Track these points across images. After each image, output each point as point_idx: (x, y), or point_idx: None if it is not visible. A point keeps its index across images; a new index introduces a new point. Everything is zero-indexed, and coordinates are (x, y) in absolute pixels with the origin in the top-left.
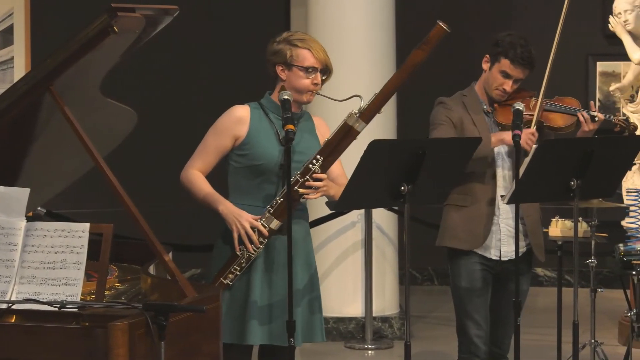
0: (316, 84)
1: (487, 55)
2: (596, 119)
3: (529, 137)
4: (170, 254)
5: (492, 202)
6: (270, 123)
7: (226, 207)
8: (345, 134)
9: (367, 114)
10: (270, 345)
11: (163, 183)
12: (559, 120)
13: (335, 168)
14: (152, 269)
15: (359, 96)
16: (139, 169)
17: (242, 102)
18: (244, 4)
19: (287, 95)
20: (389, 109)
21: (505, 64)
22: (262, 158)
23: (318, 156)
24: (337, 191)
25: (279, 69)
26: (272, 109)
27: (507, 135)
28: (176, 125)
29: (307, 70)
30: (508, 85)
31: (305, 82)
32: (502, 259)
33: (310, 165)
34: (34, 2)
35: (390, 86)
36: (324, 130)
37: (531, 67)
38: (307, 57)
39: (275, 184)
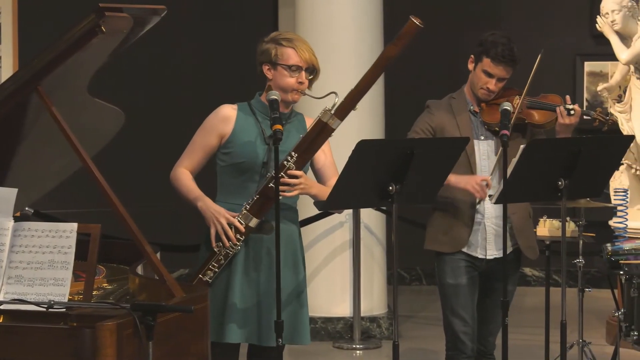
0: (301, 83)
1: (472, 56)
2: (572, 112)
3: (479, 185)
4: (158, 254)
5: (473, 204)
6: (257, 122)
7: (205, 203)
8: (320, 131)
9: (342, 110)
10: (260, 346)
11: (151, 183)
12: (539, 117)
13: (322, 157)
14: (140, 269)
15: (335, 93)
16: (127, 169)
17: (231, 103)
18: (232, 4)
19: (275, 95)
20: (377, 109)
21: (486, 62)
22: (244, 156)
23: (292, 152)
24: (319, 190)
25: (265, 68)
26: (259, 109)
27: (462, 182)
28: (164, 126)
29: (291, 68)
30: (492, 84)
31: (290, 80)
32: (488, 257)
33: (285, 162)
34: (22, 1)
35: (364, 82)
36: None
37: (513, 65)
38: (291, 56)
39: (257, 182)
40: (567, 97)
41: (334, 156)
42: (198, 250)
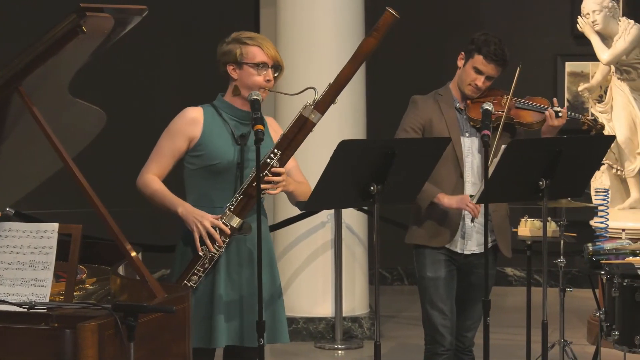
0: (268, 81)
1: (462, 53)
2: (560, 114)
3: (472, 204)
4: (140, 255)
5: None
6: (224, 123)
7: (185, 208)
8: (301, 126)
9: (322, 104)
10: (235, 346)
11: (132, 183)
12: (528, 117)
13: (290, 162)
14: (121, 270)
15: (313, 88)
16: (108, 169)
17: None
18: (213, 4)
19: (256, 95)
20: (359, 109)
21: (478, 60)
22: (217, 158)
23: (275, 150)
24: (296, 187)
25: (230, 68)
26: (225, 109)
27: (455, 203)
28: (145, 126)
29: (258, 66)
30: (480, 81)
31: (257, 78)
32: (465, 252)
33: (269, 160)
34: (2, 1)
35: (343, 75)
36: (277, 128)
37: (503, 65)
38: (257, 54)
39: (233, 183)
40: (555, 99)
41: (315, 156)
42: None
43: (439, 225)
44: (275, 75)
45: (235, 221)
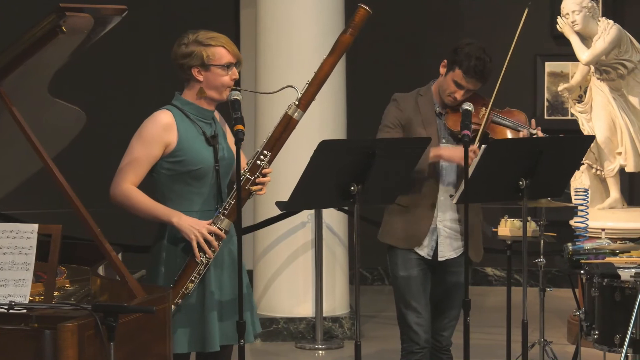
0: (234, 79)
1: (445, 61)
2: (535, 136)
3: (472, 152)
4: (120, 255)
5: (433, 205)
6: (194, 124)
7: (179, 218)
8: (286, 126)
9: (304, 102)
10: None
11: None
12: (503, 134)
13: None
14: (101, 270)
15: (292, 87)
16: (88, 170)
17: None
18: (193, 5)
19: (236, 95)
20: (339, 109)
21: (458, 74)
22: (199, 162)
23: (265, 151)
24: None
25: (195, 71)
26: (190, 110)
27: (445, 151)
28: (125, 127)
29: (226, 67)
30: (459, 95)
31: (225, 79)
32: (439, 259)
33: (259, 162)
34: None
35: (323, 72)
36: (222, 123)
37: (483, 81)
38: (223, 55)
39: (214, 186)
40: (533, 121)
41: (295, 156)
42: None
43: (409, 228)
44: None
45: (227, 224)
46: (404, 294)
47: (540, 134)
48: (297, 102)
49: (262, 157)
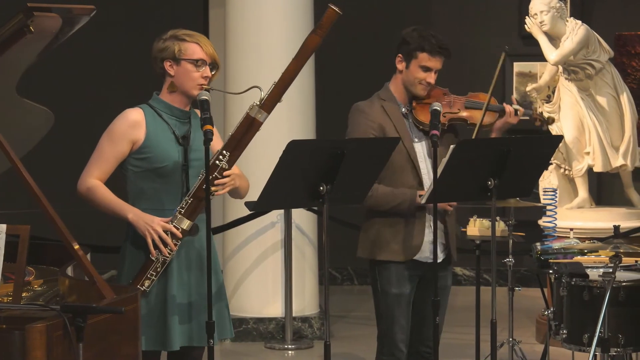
0: (206, 77)
1: (400, 55)
2: (518, 112)
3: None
4: (89, 255)
5: (422, 210)
6: (165, 123)
7: (135, 214)
8: (248, 126)
9: (268, 103)
10: (182, 346)
11: None
12: (480, 118)
13: None
14: (70, 271)
15: (258, 87)
16: (56, 170)
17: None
18: (162, 5)
19: (205, 95)
20: (309, 109)
21: (423, 57)
22: (165, 160)
23: (224, 151)
24: (241, 182)
25: (167, 64)
26: (163, 109)
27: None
28: (94, 126)
29: (197, 63)
30: (431, 77)
31: (195, 75)
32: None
33: (217, 162)
34: None
35: (288, 74)
36: (214, 130)
37: (448, 55)
38: (196, 51)
39: (179, 185)
40: (513, 97)
41: (264, 156)
42: None
43: (405, 238)
44: (213, 73)
45: (185, 223)
46: (393, 310)
47: (522, 110)
48: (259, 103)
49: (220, 157)
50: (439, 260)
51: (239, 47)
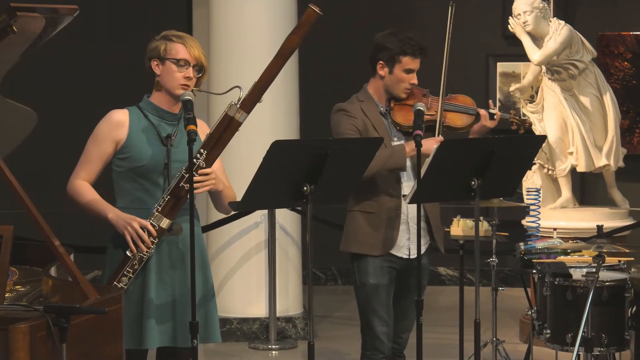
0: (188, 78)
1: (381, 62)
2: (495, 116)
3: (435, 141)
4: (72, 256)
5: (398, 205)
6: (150, 124)
7: (115, 213)
8: (227, 126)
9: (247, 103)
10: (168, 347)
11: (64, 184)
12: (457, 120)
13: (215, 164)
14: (53, 271)
15: (239, 87)
16: (39, 170)
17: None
18: (146, 5)
19: (189, 95)
20: (292, 109)
21: (407, 61)
22: (143, 159)
23: (202, 150)
24: (224, 187)
25: (154, 63)
26: (150, 110)
27: (425, 146)
28: (77, 127)
29: (179, 63)
30: (414, 79)
31: (177, 75)
32: (411, 257)
33: (195, 160)
34: None
35: (268, 74)
36: (206, 130)
37: (426, 55)
38: (179, 51)
39: (161, 185)
40: (490, 101)
41: (248, 156)
42: None
43: (380, 233)
44: (199, 76)
45: (165, 222)
46: (372, 302)
47: (499, 114)
48: (237, 103)
49: (198, 155)
50: (421, 255)
51: (223, 46)
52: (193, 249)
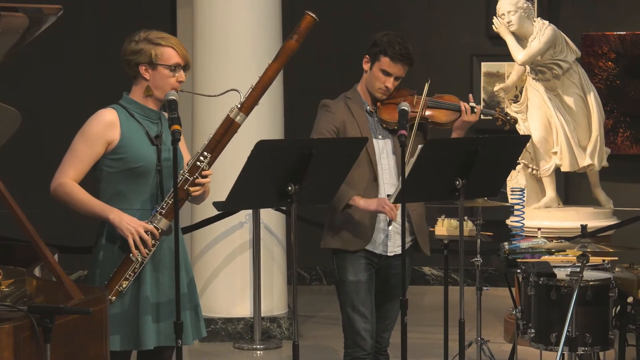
0: (180, 82)
1: (367, 56)
2: (475, 110)
3: (389, 206)
4: (56, 256)
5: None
6: (138, 124)
7: (116, 215)
8: (228, 128)
9: (247, 106)
10: (156, 347)
11: (48, 184)
12: (442, 116)
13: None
14: (37, 271)
15: (237, 90)
16: (24, 170)
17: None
18: (130, 4)
19: (173, 95)
20: (277, 109)
21: (385, 61)
22: (140, 160)
23: (205, 153)
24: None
25: (142, 68)
26: (135, 110)
27: (373, 205)
28: (61, 127)
29: (173, 68)
30: (390, 83)
31: (171, 80)
32: (388, 254)
33: (198, 163)
34: None
35: (266, 77)
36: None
37: (410, 63)
38: (172, 56)
39: (154, 185)
40: (470, 95)
41: (233, 156)
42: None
43: (355, 228)
44: (185, 73)
45: (164, 224)
46: (352, 298)
47: (479, 108)
48: (239, 106)
49: (202, 158)
50: (399, 254)
51: (207, 46)
52: (178, 249)
